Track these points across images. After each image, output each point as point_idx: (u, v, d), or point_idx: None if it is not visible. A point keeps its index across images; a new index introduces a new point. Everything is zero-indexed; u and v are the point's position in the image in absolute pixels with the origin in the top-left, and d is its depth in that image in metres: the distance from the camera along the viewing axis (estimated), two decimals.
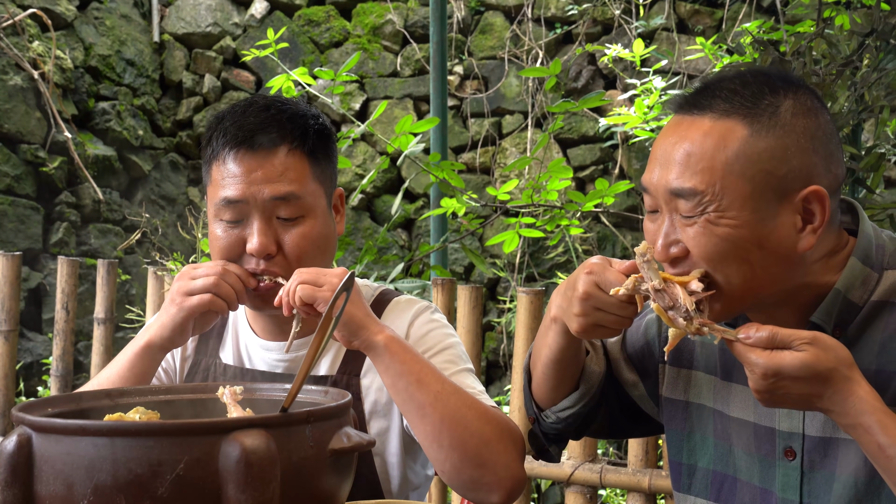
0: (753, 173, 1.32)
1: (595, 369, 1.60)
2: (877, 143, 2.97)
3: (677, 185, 1.34)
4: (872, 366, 1.36)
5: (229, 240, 1.65)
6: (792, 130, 1.33)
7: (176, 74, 6.38)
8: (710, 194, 1.32)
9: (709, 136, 1.34)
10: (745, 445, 1.50)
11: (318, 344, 1.20)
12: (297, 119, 1.68)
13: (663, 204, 1.38)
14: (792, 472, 1.44)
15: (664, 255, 1.37)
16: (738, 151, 1.32)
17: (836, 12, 3.25)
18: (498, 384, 5.68)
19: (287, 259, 1.65)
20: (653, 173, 1.39)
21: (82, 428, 1.06)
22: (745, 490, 1.51)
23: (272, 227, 1.65)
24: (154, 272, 3.57)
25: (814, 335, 1.27)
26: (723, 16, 5.78)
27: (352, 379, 1.71)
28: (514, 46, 6.13)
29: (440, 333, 1.74)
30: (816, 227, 1.34)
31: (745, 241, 1.32)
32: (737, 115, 1.34)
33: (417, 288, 3.52)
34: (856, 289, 1.38)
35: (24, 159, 5.43)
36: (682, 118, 1.39)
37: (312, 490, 1.11)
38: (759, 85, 1.36)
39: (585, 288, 1.39)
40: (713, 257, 1.34)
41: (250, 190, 1.63)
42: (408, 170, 5.78)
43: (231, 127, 1.66)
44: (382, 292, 1.80)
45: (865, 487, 1.36)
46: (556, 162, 3.53)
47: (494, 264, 5.85)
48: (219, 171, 1.66)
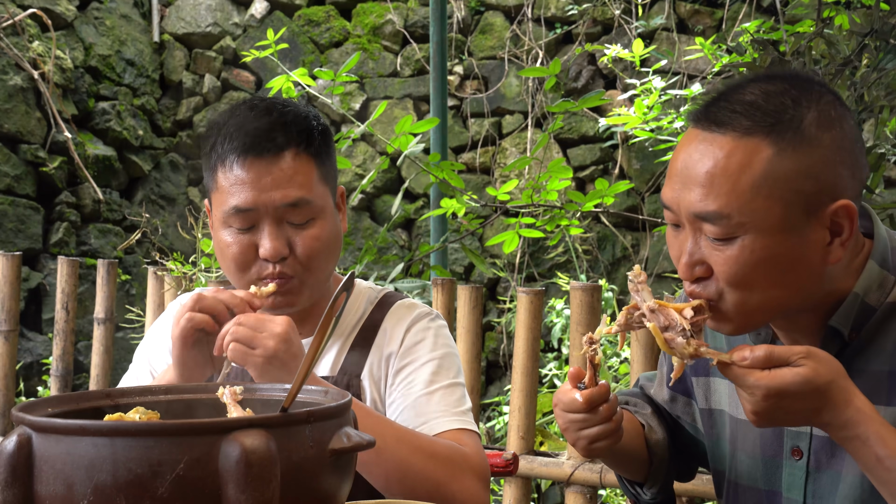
0: (782, 194, 1.28)
1: (656, 438, 1.62)
2: (877, 143, 2.97)
3: (701, 209, 1.30)
4: (886, 367, 1.35)
5: (241, 246, 1.64)
6: (819, 145, 1.29)
7: (176, 74, 6.38)
8: (738, 218, 1.28)
9: (733, 157, 1.29)
10: (749, 448, 1.50)
11: (318, 344, 1.20)
12: (300, 121, 1.67)
13: (687, 223, 1.34)
14: (798, 471, 1.43)
15: (687, 273, 1.34)
16: (765, 172, 1.28)
17: (835, 12, 3.25)
18: (498, 384, 5.68)
19: (299, 261, 1.64)
20: (674, 191, 1.34)
21: (82, 428, 1.06)
22: (749, 495, 1.51)
23: (283, 231, 1.64)
24: (154, 272, 3.57)
25: (807, 349, 1.25)
26: (723, 16, 5.78)
27: (352, 379, 1.71)
28: (514, 46, 6.13)
29: (432, 343, 1.73)
30: (845, 239, 1.31)
31: (777, 264, 1.29)
32: (760, 132, 1.29)
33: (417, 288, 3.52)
34: (873, 292, 1.36)
35: (24, 159, 5.43)
36: (701, 134, 1.33)
37: (312, 490, 1.11)
38: (780, 96, 1.31)
39: (561, 421, 1.41)
40: (741, 282, 1.30)
41: (261, 198, 1.61)
42: (408, 170, 5.78)
43: (236, 132, 1.64)
44: (386, 294, 1.80)
45: (871, 488, 1.35)
46: (556, 162, 3.53)
47: (494, 264, 5.85)
48: (225, 178, 1.64)
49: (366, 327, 1.76)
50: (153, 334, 1.86)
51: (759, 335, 1.47)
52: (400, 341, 1.73)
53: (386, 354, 1.73)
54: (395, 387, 1.71)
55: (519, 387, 2.85)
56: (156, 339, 1.84)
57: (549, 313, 4.85)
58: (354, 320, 1.77)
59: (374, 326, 1.76)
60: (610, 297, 4.66)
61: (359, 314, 1.78)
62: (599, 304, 2.73)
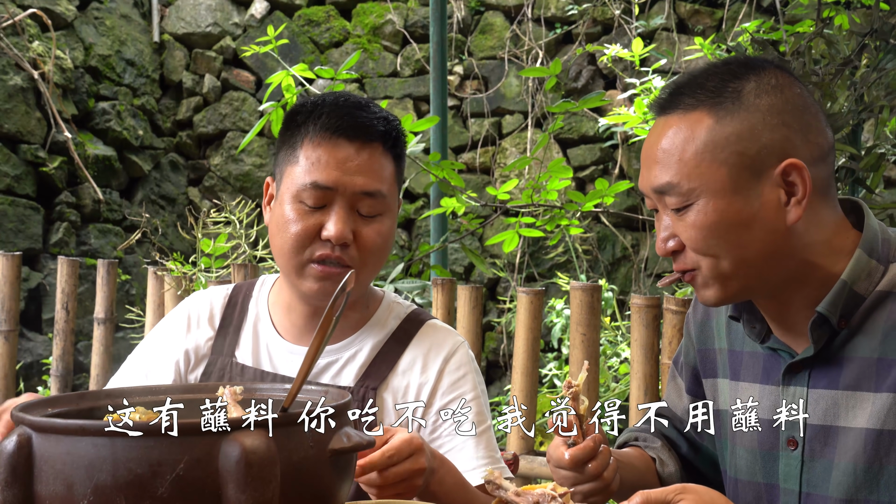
0: (725, 157, 1.36)
1: (669, 471, 1.63)
2: (876, 143, 2.97)
3: (657, 183, 1.41)
4: (875, 354, 1.37)
5: (306, 223, 1.64)
6: (756, 110, 1.37)
7: (176, 74, 6.38)
8: (688, 185, 1.37)
9: (679, 132, 1.39)
10: (747, 443, 1.52)
11: (318, 344, 1.20)
12: (389, 121, 1.70)
13: (657, 202, 1.44)
14: (793, 461, 1.45)
15: (662, 248, 1.44)
16: (706, 139, 1.37)
17: (835, 12, 3.25)
18: (498, 384, 5.68)
19: (360, 252, 1.65)
20: (642, 176, 1.45)
21: (82, 428, 1.06)
22: (748, 489, 1.52)
23: (353, 218, 1.65)
24: (154, 272, 3.57)
25: (683, 486, 1.25)
26: (723, 16, 5.78)
27: (368, 391, 1.70)
28: (514, 46, 6.13)
29: (473, 379, 1.76)
30: (801, 198, 1.37)
31: (733, 224, 1.36)
32: (702, 106, 1.39)
33: (417, 288, 3.52)
34: (861, 280, 1.40)
35: (24, 159, 5.43)
36: (657, 120, 1.45)
37: (312, 490, 1.11)
38: (722, 74, 1.41)
39: (554, 476, 1.43)
40: (705, 245, 1.38)
41: (343, 179, 1.63)
42: (408, 170, 5.78)
43: (333, 113, 1.66)
44: (413, 312, 1.81)
45: (864, 474, 1.37)
46: (555, 162, 3.53)
47: (494, 264, 5.85)
48: (310, 154, 1.65)
49: (393, 342, 1.75)
50: (153, 338, 1.84)
51: (755, 329, 1.50)
52: (437, 372, 1.73)
53: (419, 383, 1.72)
54: (440, 424, 1.71)
55: (519, 387, 2.85)
56: (155, 342, 1.83)
57: (549, 313, 4.85)
58: (381, 336, 1.76)
59: (400, 346, 1.75)
60: (610, 297, 4.66)
61: (385, 330, 1.77)
62: (599, 304, 2.73)
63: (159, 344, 1.81)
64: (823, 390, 1.40)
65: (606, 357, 4.33)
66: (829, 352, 1.42)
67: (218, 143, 6.36)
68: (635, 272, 5.80)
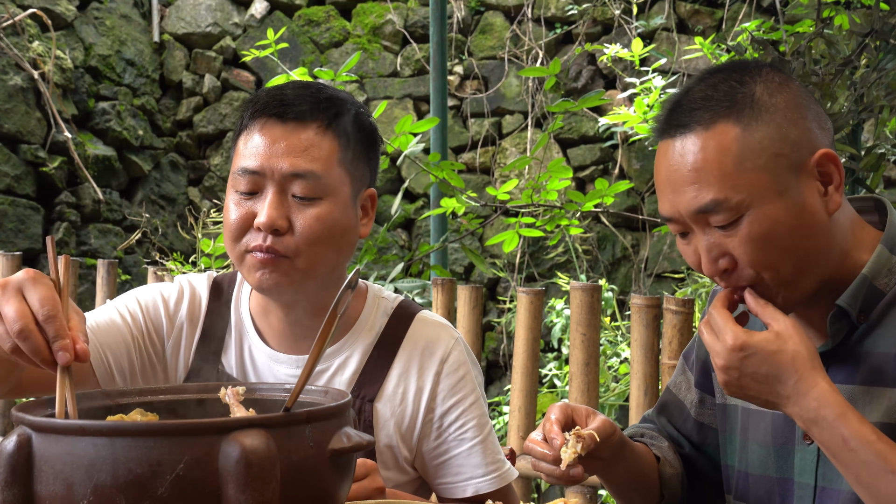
0: (764, 162, 1.34)
1: (671, 472, 1.62)
2: (876, 143, 2.97)
3: (701, 203, 1.36)
4: (893, 349, 1.38)
5: (239, 212, 1.56)
6: (776, 109, 1.36)
7: (176, 74, 6.38)
8: (736, 198, 1.34)
9: (707, 148, 1.36)
10: (761, 437, 1.52)
11: (322, 344, 1.20)
12: (334, 101, 1.61)
13: (692, 224, 1.39)
14: (809, 455, 1.45)
15: (713, 269, 1.39)
16: (741, 149, 1.35)
17: (835, 12, 3.25)
18: (498, 384, 5.68)
19: (296, 240, 1.54)
20: (669, 200, 1.40)
21: (82, 428, 1.06)
22: (759, 483, 1.52)
23: (285, 204, 1.55)
24: (154, 272, 3.57)
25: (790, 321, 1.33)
26: (723, 16, 5.78)
27: (364, 404, 1.63)
28: (514, 46, 6.13)
29: (473, 379, 1.70)
30: (838, 184, 1.37)
31: (788, 227, 1.35)
32: (722, 118, 1.36)
33: (417, 288, 3.52)
34: (882, 276, 1.40)
35: (24, 159, 5.43)
36: (672, 141, 1.39)
37: (312, 490, 1.11)
38: (725, 83, 1.39)
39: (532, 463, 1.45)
40: (764, 256, 1.36)
41: (269, 162, 1.54)
42: (408, 170, 5.78)
43: (265, 98, 1.60)
44: (401, 305, 1.72)
45: None
46: (555, 162, 3.53)
47: (494, 264, 5.85)
48: (244, 142, 1.59)
49: (383, 344, 1.67)
50: (125, 306, 1.70)
51: None
52: (434, 375, 1.66)
53: (415, 388, 1.65)
54: (445, 430, 1.66)
55: (519, 387, 2.86)
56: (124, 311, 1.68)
57: (549, 313, 4.85)
58: (370, 339, 1.68)
59: (393, 344, 1.67)
60: (610, 297, 4.66)
61: (374, 331, 1.68)
62: (599, 304, 2.73)
63: (127, 315, 1.68)
64: (840, 385, 1.40)
65: (606, 357, 4.33)
66: (847, 347, 1.42)
67: (218, 143, 6.36)
68: (635, 272, 5.80)
